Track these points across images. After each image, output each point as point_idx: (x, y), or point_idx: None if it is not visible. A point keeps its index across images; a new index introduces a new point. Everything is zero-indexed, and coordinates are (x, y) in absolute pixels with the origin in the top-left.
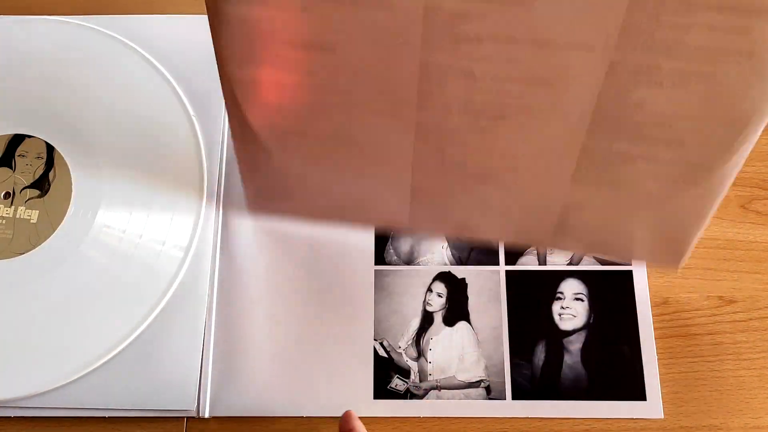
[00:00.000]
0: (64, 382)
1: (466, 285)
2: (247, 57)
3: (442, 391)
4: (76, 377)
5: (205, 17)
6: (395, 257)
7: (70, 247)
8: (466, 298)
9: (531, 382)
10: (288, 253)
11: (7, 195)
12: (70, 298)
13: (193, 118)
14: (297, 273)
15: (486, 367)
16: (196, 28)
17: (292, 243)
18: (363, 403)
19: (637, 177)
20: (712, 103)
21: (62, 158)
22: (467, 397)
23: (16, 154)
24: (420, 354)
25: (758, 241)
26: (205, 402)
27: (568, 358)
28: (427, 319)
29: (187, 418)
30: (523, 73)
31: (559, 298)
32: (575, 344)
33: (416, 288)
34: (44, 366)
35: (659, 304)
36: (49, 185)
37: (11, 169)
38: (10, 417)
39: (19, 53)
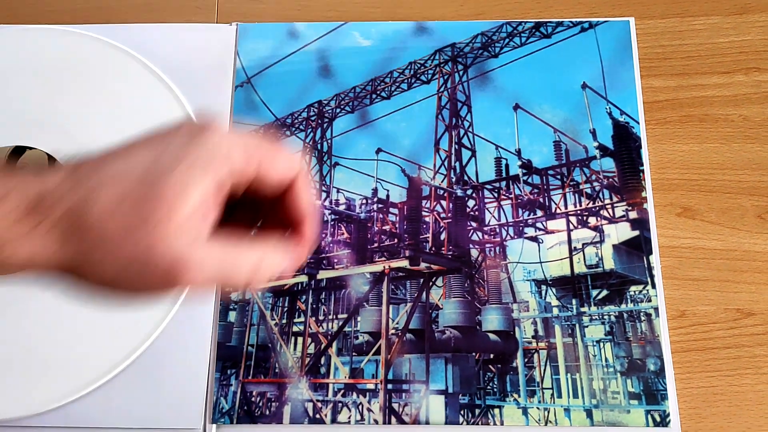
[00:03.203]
0: (65, 401)
1: None
2: None
3: None
4: (78, 396)
5: (209, 25)
6: None
7: None
8: None
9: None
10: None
11: None
12: (71, 315)
13: None
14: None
15: None
16: (200, 36)
17: None
18: None
19: None
20: None
21: None
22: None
23: (17, 166)
24: None
25: None
26: (211, 419)
27: None
28: None
29: None
30: None
31: None
32: None
33: None
34: (45, 385)
35: (676, 317)
36: None
37: None
38: None
39: (21, 63)
